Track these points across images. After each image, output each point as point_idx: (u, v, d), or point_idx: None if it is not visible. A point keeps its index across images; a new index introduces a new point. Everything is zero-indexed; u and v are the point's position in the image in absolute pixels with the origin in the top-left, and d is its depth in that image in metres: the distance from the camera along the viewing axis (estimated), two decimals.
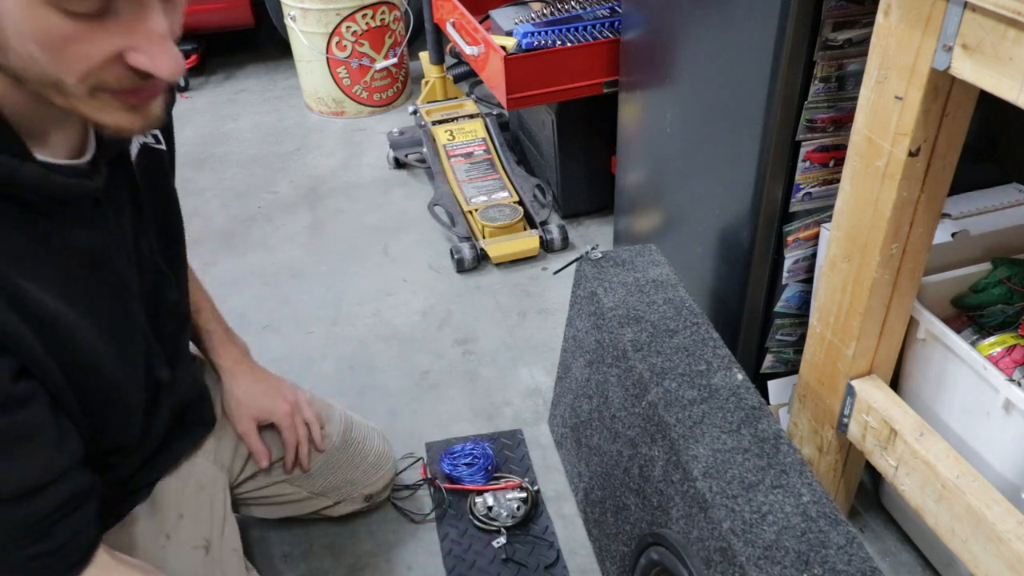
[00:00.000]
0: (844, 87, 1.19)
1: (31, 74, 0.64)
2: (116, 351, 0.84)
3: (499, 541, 1.39)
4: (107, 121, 0.69)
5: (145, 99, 0.70)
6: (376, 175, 2.57)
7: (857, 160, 1.02)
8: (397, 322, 1.93)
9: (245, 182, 2.56)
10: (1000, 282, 1.17)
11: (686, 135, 1.51)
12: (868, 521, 1.40)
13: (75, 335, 0.77)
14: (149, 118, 0.71)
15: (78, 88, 0.66)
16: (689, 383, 1.09)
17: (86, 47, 0.63)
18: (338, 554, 1.40)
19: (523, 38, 1.88)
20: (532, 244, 2.10)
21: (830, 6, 1.12)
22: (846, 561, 0.85)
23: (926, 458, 1.05)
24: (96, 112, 0.68)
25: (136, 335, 0.89)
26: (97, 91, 0.67)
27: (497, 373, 1.77)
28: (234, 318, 2.04)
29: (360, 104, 2.91)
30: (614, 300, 1.26)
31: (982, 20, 0.78)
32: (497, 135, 2.41)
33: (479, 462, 1.48)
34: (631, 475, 1.15)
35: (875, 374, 1.18)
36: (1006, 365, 1.09)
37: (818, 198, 1.30)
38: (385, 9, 2.77)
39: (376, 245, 2.22)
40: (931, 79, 0.88)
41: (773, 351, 1.47)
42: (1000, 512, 0.97)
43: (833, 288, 1.14)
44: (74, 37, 0.62)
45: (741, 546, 0.87)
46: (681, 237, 1.60)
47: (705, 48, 1.38)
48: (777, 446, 0.99)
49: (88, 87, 0.66)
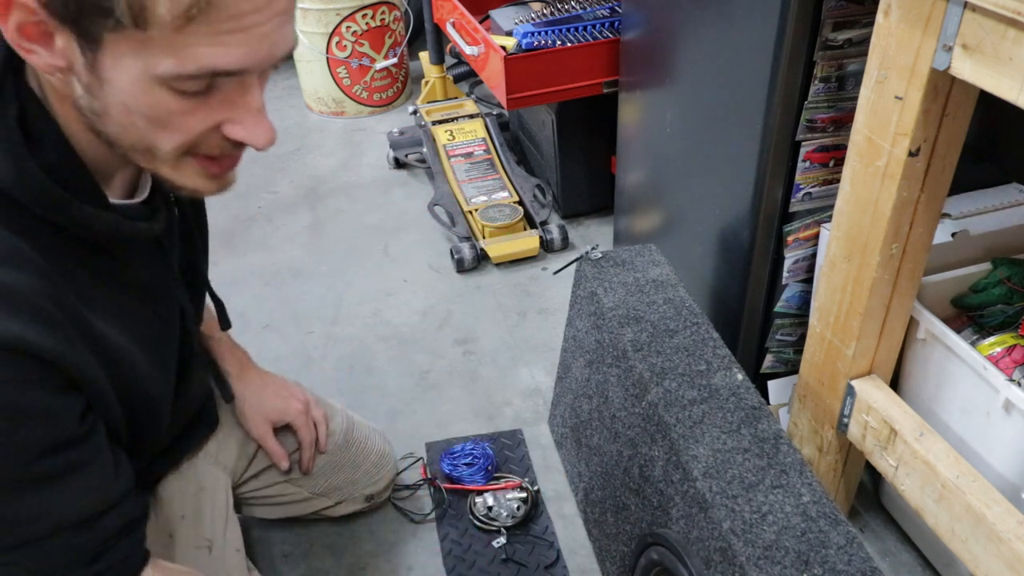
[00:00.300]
0: (844, 87, 1.19)
1: (126, 140, 0.68)
2: (160, 375, 0.87)
3: (499, 541, 1.39)
4: (186, 184, 0.73)
5: (227, 168, 0.74)
6: (376, 175, 2.57)
7: (857, 160, 1.03)
8: (397, 322, 1.93)
9: (245, 182, 2.56)
10: (1000, 282, 1.17)
11: (686, 135, 1.51)
12: (868, 521, 1.40)
13: (135, 366, 0.80)
14: (225, 184, 0.75)
15: (170, 155, 0.69)
16: (689, 383, 1.09)
17: (189, 120, 0.67)
18: (338, 554, 1.40)
19: (523, 38, 1.88)
20: (532, 244, 2.10)
21: (830, 6, 1.12)
22: (846, 561, 0.85)
23: (926, 458, 1.05)
24: (177, 176, 0.72)
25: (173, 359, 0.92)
26: (186, 156, 0.70)
27: (497, 373, 1.77)
28: (234, 318, 2.04)
29: (360, 104, 2.91)
30: (614, 300, 1.26)
31: (982, 20, 0.78)
32: (497, 135, 2.41)
33: (479, 462, 1.48)
34: (631, 475, 1.15)
35: (875, 374, 1.18)
36: (1006, 365, 1.09)
37: (818, 198, 1.30)
38: (385, 9, 2.77)
39: (376, 245, 2.22)
40: (931, 79, 0.88)
41: (773, 351, 1.47)
42: (1000, 512, 0.97)
43: (833, 288, 1.14)
44: (179, 112, 0.66)
45: (741, 546, 0.87)
46: (681, 237, 1.60)
47: (705, 48, 1.38)
48: (777, 446, 0.99)
49: (178, 155, 0.70)
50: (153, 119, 0.65)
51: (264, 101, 0.70)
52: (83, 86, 0.64)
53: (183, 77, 0.62)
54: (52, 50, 0.62)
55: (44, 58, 0.62)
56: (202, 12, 0.59)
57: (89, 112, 0.66)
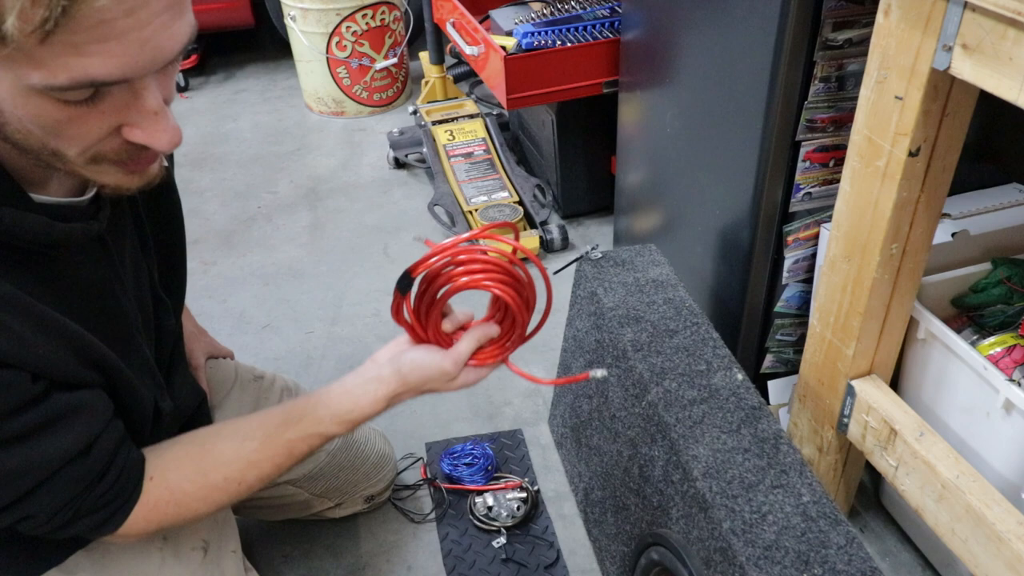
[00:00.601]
0: (844, 87, 1.19)
1: (30, 146, 0.65)
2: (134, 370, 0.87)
3: (499, 541, 1.39)
4: (107, 182, 0.71)
5: (144, 166, 0.72)
6: (376, 175, 2.56)
7: (857, 160, 1.02)
8: None
9: (245, 182, 2.56)
10: (1000, 282, 1.17)
11: (686, 135, 1.51)
12: (868, 521, 1.40)
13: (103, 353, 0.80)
14: (147, 177, 0.73)
15: (78, 159, 0.67)
16: (689, 383, 1.09)
17: (82, 127, 0.64)
18: (338, 554, 1.40)
19: (523, 38, 1.88)
20: (532, 244, 2.10)
21: (830, 6, 1.12)
22: (846, 561, 0.85)
23: (926, 458, 1.05)
24: (96, 175, 0.70)
25: (144, 367, 0.91)
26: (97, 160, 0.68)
27: (497, 373, 1.75)
28: (234, 318, 2.05)
29: (360, 104, 2.91)
30: (614, 300, 1.26)
31: (982, 20, 0.78)
32: (497, 135, 2.41)
33: (479, 462, 1.48)
34: (631, 475, 1.15)
35: (875, 374, 1.18)
36: (1006, 365, 1.09)
37: (818, 198, 1.30)
38: (385, 9, 2.77)
39: (376, 245, 2.22)
40: (931, 79, 0.88)
41: (773, 351, 1.47)
42: (1000, 512, 0.97)
43: (833, 288, 1.14)
44: (68, 120, 0.63)
45: (741, 546, 0.87)
46: (681, 237, 1.60)
47: (705, 48, 1.38)
48: (777, 446, 0.99)
49: (87, 158, 0.67)
50: (44, 128, 0.63)
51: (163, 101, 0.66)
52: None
53: (56, 88, 0.59)
54: None
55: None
56: (59, 25, 0.55)
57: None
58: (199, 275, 2.11)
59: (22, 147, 0.66)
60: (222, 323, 1.93)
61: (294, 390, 1.31)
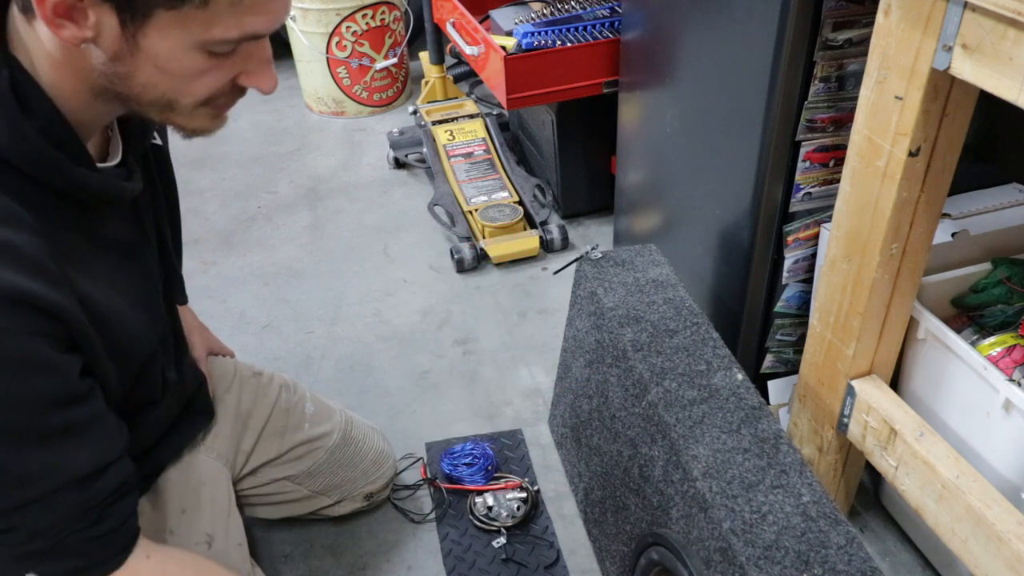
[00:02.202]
0: (844, 87, 1.19)
1: (147, 97, 0.74)
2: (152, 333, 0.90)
3: (499, 541, 1.39)
4: (195, 126, 0.80)
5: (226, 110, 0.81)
6: (376, 175, 2.57)
7: (857, 160, 1.03)
8: (397, 322, 1.93)
9: (245, 182, 2.56)
10: (1000, 282, 1.17)
11: (686, 135, 1.51)
12: (868, 521, 1.40)
13: (125, 328, 0.83)
14: (223, 122, 0.82)
15: (188, 106, 0.76)
16: (689, 383, 1.09)
17: (214, 76, 0.75)
18: (338, 554, 1.40)
19: (523, 38, 1.88)
20: (532, 244, 2.10)
21: (830, 6, 1.12)
22: (846, 561, 0.85)
23: (926, 458, 1.05)
24: (189, 121, 0.79)
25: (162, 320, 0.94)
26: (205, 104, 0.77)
27: (497, 373, 1.77)
28: (234, 318, 2.05)
29: (360, 104, 2.91)
30: (614, 300, 1.26)
31: (982, 20, 0.78)
32: (497, 135, 2.41)
33: (479, 462, 1.48)
34: (631, 475, 1.15)
35: (875, 374, 1.18)
36: (1006, 365, 1.09)
37: (818, 198, 1.30)
38: (385, 9, 2.77)
39: (376, 245, 2.22)
40: (931, 79, 0.88)
41: (773, 351, 1.47)
42: (1000, 512, 0.97)
43: (833, 288, 1.14)
44: (208, 70, 0.74)
45: (741, 546, 0.87)
46: (681, 237, 1.60)
47: (705, 48, 1.38)
48: (777, 446, 0.99)
49: (196, 104, 0.77)
50: (182, 77, 0.73)
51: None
52: (108, 53, 0.70)
53: (225, 42, 0.71)
54: (82, 25, 0.68)
55: (71, 31, 0.68)
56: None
57: (109, 75, 0.72)
58: (199, 275, 2.11)
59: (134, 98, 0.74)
60: (222, 323, 1.93)
61: (292, 388, 1.32)
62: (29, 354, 0.69)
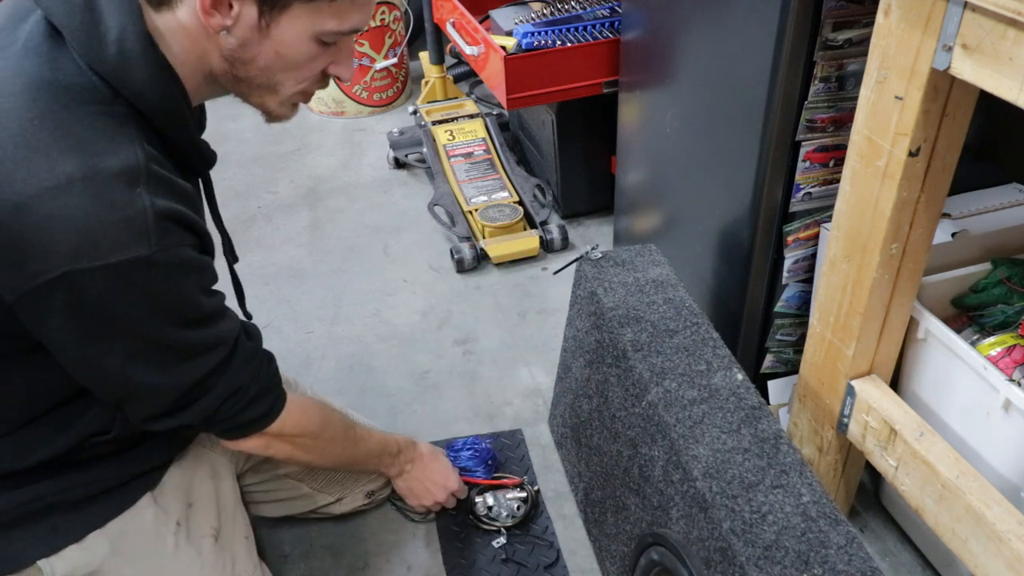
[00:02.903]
0: (844, 87, 1.19)
1: (259, 79, 0.88)
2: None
3: (499, 541, 1.39)
4: (280, 112, 0.94)
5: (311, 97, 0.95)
6: (376, 175, 2.57)
7: (857, 160, 1.03)
8: (397, 322, 1.93)
9: (245, 182, 2.56)
10: (1000, 282, 1.17)
11: (686, 135, 1.51)
12: (868, 521, 1.40)
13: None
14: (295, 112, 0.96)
15: (289, 89, 0.90)
16: (689, 383, 1.09)
17: (315, 63, 0.89)
18: (338, 554, 1.40)
19: (523, 38, 1.88)
20: (532, 244, 2.10)
21: (830, 6, 1.12)
22: (846, 561, 0.85)
23: (926, 458, 1.05)
24: (278, 106, 0.93)
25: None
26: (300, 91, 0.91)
27: (497, 373, 1.77)
28: None
29: (360, 104, 2.91)
30: (614, 300, 1.26)
31: (982, 20, 0.78)
32: (497, 135, 2.41)
33: (480, 455, 1.48)
34: (631, 475, 1.15)
35: (875, 374, 1.18)
36: (1006, 365, 1.09)
37: (818, 198, 1.30)
38: (385, 9, 2.77)
39: (376, 245, 2.22)
40: (931, 79, 0.88)
41: (773, 351, 1.47)
42: (1000, 512, 0.97)
43: (833, 288, 1.14)
44: (315, 58, 0.88)
45: (741, 546, 0.87)
46: (681, 237, 1.60)
47: (705, 48, 1.38)
48: (777, 446, 0.99)
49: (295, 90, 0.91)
50: (294, 63, 0.87)
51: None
52: (238, 38, 0.83)
53: (337, 33, 0.85)
54: (226, 14, 0.81)
55: (217, 19, 0.81)
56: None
57: (233, 59, 0.85)
58: None
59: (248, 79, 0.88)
60: None
61: (293, 386, 1.32)
62: (185, 257, 0.85)
